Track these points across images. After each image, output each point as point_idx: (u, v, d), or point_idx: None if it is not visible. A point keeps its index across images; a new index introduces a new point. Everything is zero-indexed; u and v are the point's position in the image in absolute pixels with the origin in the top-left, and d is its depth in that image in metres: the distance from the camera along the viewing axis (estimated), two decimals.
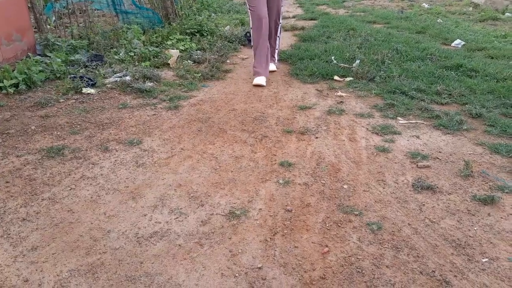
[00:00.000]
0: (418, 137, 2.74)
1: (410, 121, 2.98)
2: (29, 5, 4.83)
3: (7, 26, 4.41)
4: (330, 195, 2.08)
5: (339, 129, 2.88)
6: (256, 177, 2.25)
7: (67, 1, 5.08)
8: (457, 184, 2.18)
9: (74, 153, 2.55)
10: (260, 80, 3.87)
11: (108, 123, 2.99)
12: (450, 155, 2.49)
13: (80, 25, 5.34)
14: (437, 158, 2.46)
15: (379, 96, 3.48)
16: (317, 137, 2.75)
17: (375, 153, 2.51)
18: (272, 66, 4.26)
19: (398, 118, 3.04)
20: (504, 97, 3.36)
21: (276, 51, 4.35)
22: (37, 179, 2.26)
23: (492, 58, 4.53)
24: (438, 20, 6.82)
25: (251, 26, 3.92)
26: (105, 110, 3.22)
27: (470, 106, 3.16)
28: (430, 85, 3.64)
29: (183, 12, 5.84)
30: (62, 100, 3.37)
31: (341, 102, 3.39)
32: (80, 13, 5.66)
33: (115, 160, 2.46)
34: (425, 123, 2.95)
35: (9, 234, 1.82)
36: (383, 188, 2.14)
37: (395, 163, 2.40)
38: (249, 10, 3.88)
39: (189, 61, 4.53)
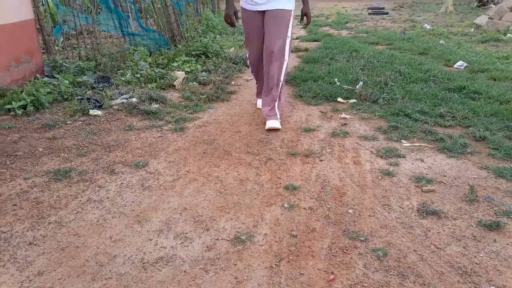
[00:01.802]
0: (422, 160, 2.75)
1: (414, 144, 2.99)
2: (38, 27, 4.94)
3: (17, 48, 4.50)
4: (336, 220, 2.08)
5: (343, 151, 2.90)
6: (261, 201, 2.26)
7: (75, 24, 5.19)
8: (462, 209, 2.18)
9: (81, 175, 2.57)
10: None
11: (115, 145, 3.03)
12: (455, 179, 2.50)
13: (88, 46, 5.44)
14: (442, 182, 2.46)
15: (383, 119, 3.51)
16: (321, 160, 2.76)
17: (380, 177, 2.52)
18: (275, 122, 3.29)
19: (402, 141, 3.06)
20: (507, 119, 3.37)
21: (277, 102, 3.36)
22: (44, 202, 2.28)
23: (494, 80, 4.57)
24: (440, 42, 6.90)
25: (247, 58, 3.65)
26: (111, 132, 3.26)
27: (473, 129, 3.18)
28: (434, 107, 3.67)
29: (188, 34, 5.95)
30: (69, 122, 3.42)
31: (345, 124, 3.42)
32: (88, 34, 5.77)
33: (121, 183, 2.48)
34: (429, 146, 2.96)
35: (16, 259, 1.83)
36: (388, 213, 2.14)
37: (400, 187, 2.41)
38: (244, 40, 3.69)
39: (194, 82, 4.60)
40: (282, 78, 3.31)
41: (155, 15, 6.15)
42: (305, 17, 3.41)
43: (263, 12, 3.22)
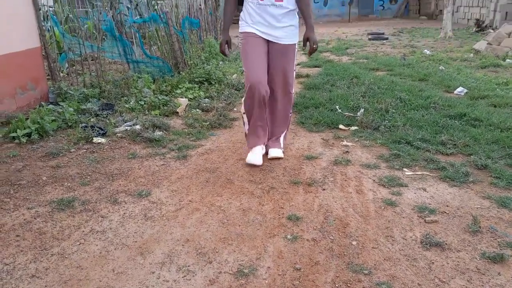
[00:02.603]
0: (425, 189, 2.75)
1: (416, 173, 3.00)
2: (43, 53, 5.04)
3: (23, 76, 4.59)
4: (339, 252, 2.07)
5: (345, 180, 2.91)
6: (264, 232, 2.26)
7: (80, 52, 5.29)
8: (466, 241, 2.17)
9: (84, 205, 2.58)
10: (254, 157, 3.08)
11: (118, 173, 3.04)
12: (458, 209, 2.50)
13: (92, 73, 5.53)
14: (445, 212, 2.46)
15: (385, 146, 3.53)
16: (324, 189, 2.77)
17: (383, 207, 2.52)
18: (277, 152, 3.26)
19: (404, 169, 3.07)
20: (509, 147, 3.38)
21: (284, 133, 3.32)
22: (47, 232, 2.28)
23: (495, 106, 4.60)
24: (440, 67, 6.98)
25: (245, 90, 3.06)
26: (115, 160, 3.28)
27: (475, 157, 3.19)
28: (435, 134, 3.69)
29: (192, 61, 6.05)
30: (73, 150, 3.45)
31: (347, 152, 3.44)
32: (92, 60, 5.87)
33: (124, 213, 2.49)
34: (431, 174, 2.97)
35: None
36: (392, 244, 2.14)
37: (403, 217, 2.40)
38: (244, 72, 3.12)
39: (197, 109, 4.65)
40: (290, 111, 3.27)
41: (159, 42, 6.27)
42: (308, 43, 2.97)
43: (267, 40, 3.01)
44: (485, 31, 12.42)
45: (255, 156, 3.10)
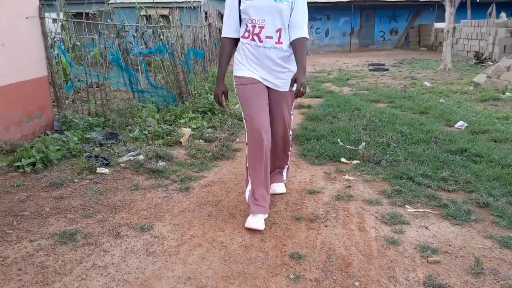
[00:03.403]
0: (427, 227, 2.75)
1: (418, 210, 3.01)
2: (50, 80, 5.11)
3: (30, 104, 4.66)
4: None
5: (348, 217, 2.91)
6: (266, 271, 2.25)
7: (86, 81, 5.39)
8: (469, 283, 2.16)
9: (86, 238, 2.58)
10: (256, 222, 2.70)
11: (121, 206, 3.06)
12: (460, 249, 2.49)
13: (97, 101, 5.61)
14: (447, 252, 2.46)
15: (386, 181, 3.54)
16: (326, 226, 2.77)
17: (385, 246, 2.52)
18: (281, 187, 3.25)
19: (406, 206, 3.08)
20: (510, 184, 3.40)
21: (286, 167, 3.28)
22: (49, 267, 2.28)
23: (495, 141, 4.64)
24: (441, 100, 7.07)
25: (246, 141, 2.84)
26: (118, 192, 3.30)
27: (476, 195, 3.20)
28: (436, 170, 3.71)
29: (196, 91, 6.14)
30: (76, 180, 3.47)
31: (349, 186, 3.45)
32: (97, 87, 5.97)
33: (126, 248, 2.49)
34: (433, 212, 2.98)
35: None
36: (394, 286, 2.13)
37: (405, 257, 2.40)
38: (244, 120, 2.83)
39: (200, 140, 4.69)
40: (290, 149, 3.16)
41: (164, 72, 6.39)
42: (295, 85, 2.52)
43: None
44: (484, 64, 12.63)
45: (257, 220, 2.72)
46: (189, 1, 9.19)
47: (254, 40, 2.66)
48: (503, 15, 15.57)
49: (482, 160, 3.95)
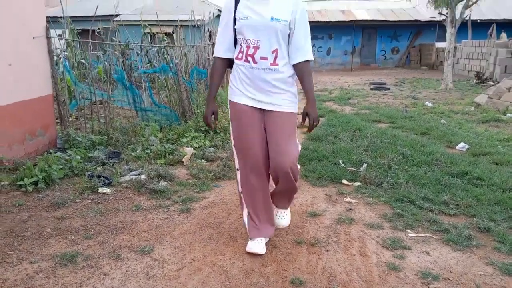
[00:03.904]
0: (428, 253, 2.74)
1: (419, 235, 3.00)
2: (54, 97, 5.15)
3: (34, 122, 4.70)
4: None
5: (349, 241, 2.91)
6: None
7: (90, 99, 5.44)
8: None
9: (87, 260, 2.58)
10: (256, 246, 2.65)
11: (122, 227, 3.06)
12: (461, 275, 2.48)
13: (101, 119, 5.66)
14: (448, 278, 2.44)
15: (388, 204, 3.54)
16: (327, 250, 2.76)
17: (386, 272, 2.51)
18: (284, 220, 2.91)
19: (407, 230, 3.07)
20: (511, 209, 3.39)
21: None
22: None
23: (496, 164, 4.64)
24: (442, 121, 7.09)
25: (236, 167, 2.77)
26: (119, 212, 3.30)
27: (478, 219, 3.19)
28: (437, 193, 3.71)
29: (198, 110, 6.19)
30: (78, 200, 3.48)
31: (350, 209, 3.45)
32: (101, 104, 6.01)
33: (126, 271, 2.48)
34: (434, 237, 2.97)
35: None
36: None
37: (406, 283, 2.39)
38: (233, 148, 2.76)
39: (202, 159, 4.71)
40: (297, 178, 2.69)
41: (167, 91, 6.45)
42: (307, 119, 2.57)
43: (263, 110, 2.58)
44: (485, 84, 12.71)
45: (257, 244, 2.65)
46: (193, 20, 9.32)
47: (248, 61, 2.49)
48: (503, 35, 15.76)
49: (483, 184, 3.95)
